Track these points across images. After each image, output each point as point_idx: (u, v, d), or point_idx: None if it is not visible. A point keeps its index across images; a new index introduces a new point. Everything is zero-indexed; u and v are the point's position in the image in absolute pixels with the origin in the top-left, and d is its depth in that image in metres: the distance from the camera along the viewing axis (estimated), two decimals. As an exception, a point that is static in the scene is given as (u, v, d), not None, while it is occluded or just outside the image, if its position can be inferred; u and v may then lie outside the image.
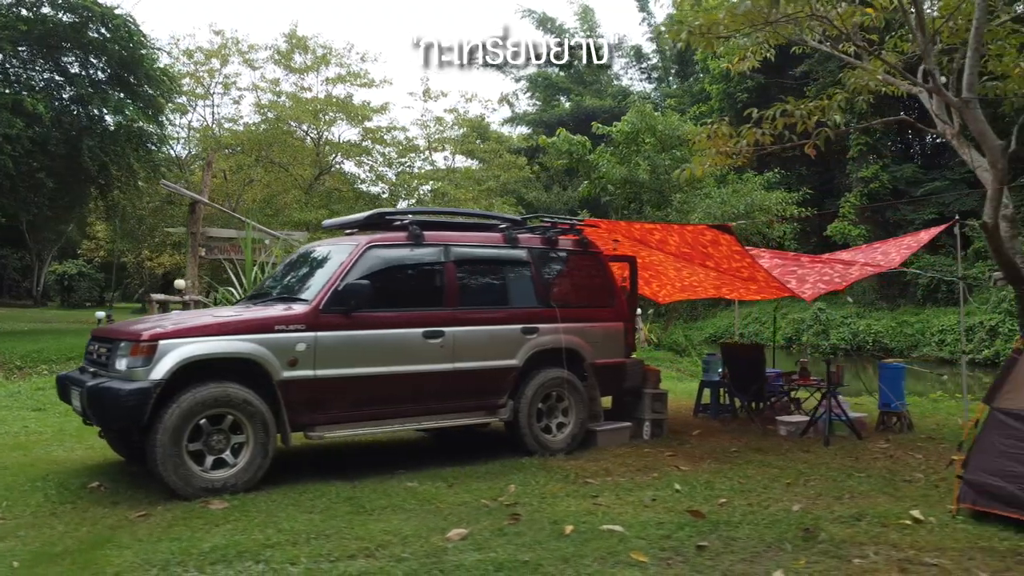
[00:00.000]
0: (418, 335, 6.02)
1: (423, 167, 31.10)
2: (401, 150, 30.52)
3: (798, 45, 8.81)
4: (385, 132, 29.82)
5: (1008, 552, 4.18)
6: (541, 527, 4.51)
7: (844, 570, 3.90)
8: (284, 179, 29.08)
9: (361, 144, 30.10)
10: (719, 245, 6.90)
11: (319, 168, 29.36)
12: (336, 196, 29.00)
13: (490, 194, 29.04)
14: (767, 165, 35.87)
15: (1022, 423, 4.72)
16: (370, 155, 30.66)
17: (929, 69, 7.05)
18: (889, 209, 32.04)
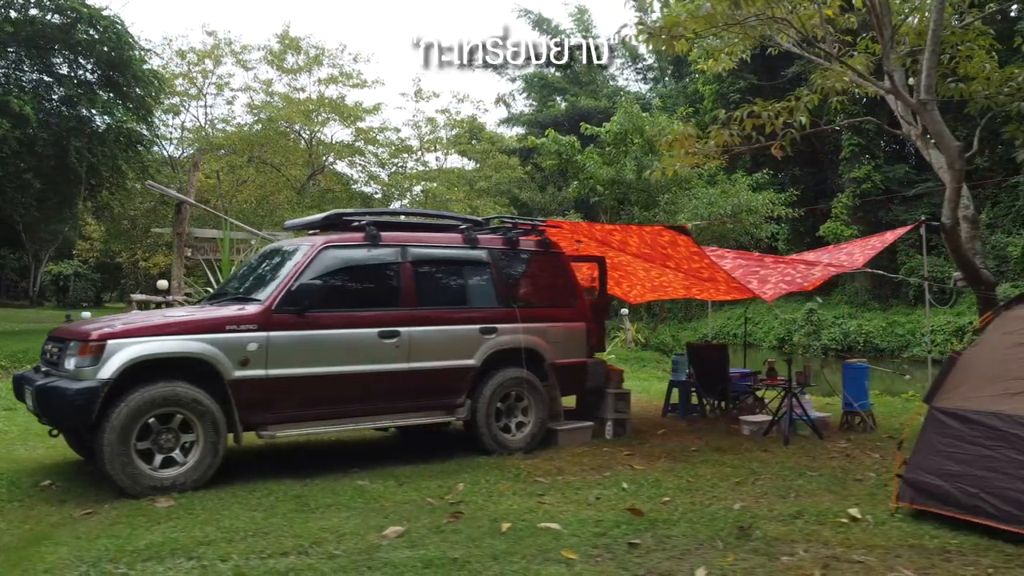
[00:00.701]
0: (373, 335, 6.07)
1: (416, 168, 31.20)
2: (394, 151, 30.60)
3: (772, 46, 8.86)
4: (377, 132, 29.91)
5: (936, 550, 4.23)
6: (480, 525, 4.56)
7: (769, 567, 3.95)
8: (276, 180, 29.17)
9: (354, 145, 30.19)
10: (677, 246, 6.95)
11: (312, 168, 29.44)
12: (329, 196, 29.09)
13: (482, 194, 29.13)
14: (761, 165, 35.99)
15: (959, 422, 4.76)
16: (363, 155, 30.75)
17: (888, 71, 7.09)
18: (882, 209, 32.08)
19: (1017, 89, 7.99)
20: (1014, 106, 7.93)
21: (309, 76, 30.09)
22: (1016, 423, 4.49)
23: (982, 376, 4.80)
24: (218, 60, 29.06)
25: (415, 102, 33.53)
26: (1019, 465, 4.41)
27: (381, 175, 31.26)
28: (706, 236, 21.61)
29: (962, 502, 4.57)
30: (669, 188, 21.97)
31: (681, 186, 22.22)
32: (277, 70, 29.65)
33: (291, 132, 28.91)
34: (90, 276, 42.02)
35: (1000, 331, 4.95)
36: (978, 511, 4.49)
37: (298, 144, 29.55)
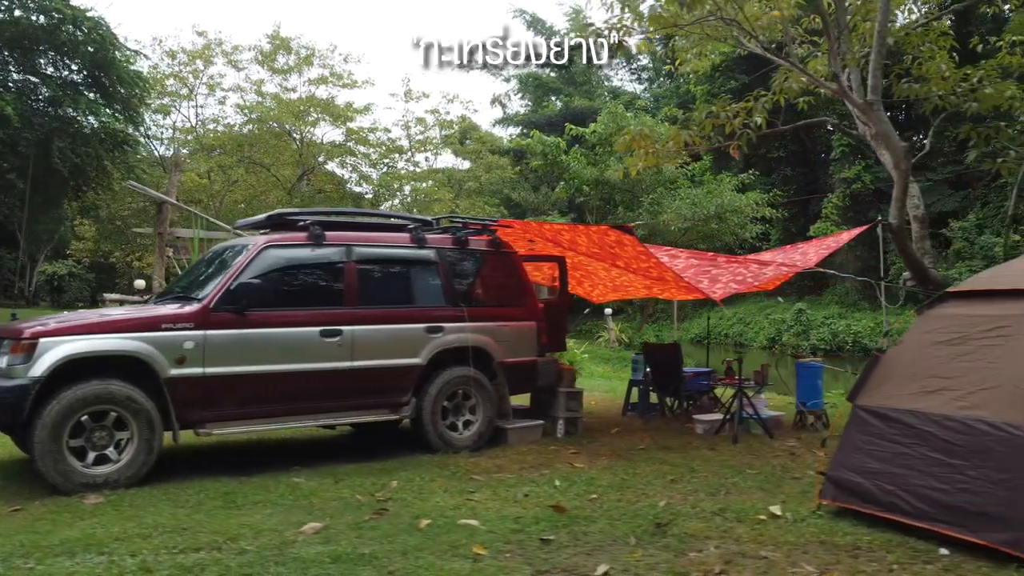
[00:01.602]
0: (315, 334, 6.12)
1: (406, 168, 31.27)
2: (384, 151, 30.67)
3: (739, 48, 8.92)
4: (368, 132, 29.97)
5: (846, 546, 4.26)
6: (400, 521, 4.61)
7: (674, 563, 3.98)
8: (267, 180, 29.24)
9: (344, 145, 30.26)
10: (624, 245, 6.99)
11: (302, 168, 29.51)
12: (320, 197, 29.17)
13: (471, 195, 29.20)
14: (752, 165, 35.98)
15: (879, 420, 4.80)
16: (354, 155, 30.82)
17: (835, 71, 7.13)
18: (872, 209, 32.06)
19: (971, 90, 8.03)
20: (968, 106, 7.95)
21: (299, 77, 30.19)
22: (931, 421, 4.52)
23: (902, 375, 4.83)
24: (209, 60, 29.12)
25: (405, 102, 33.52)
26: (932, 462, 4.44)
27: (372, 175, 31.36)
28: (692, 236, 21.66)
29: (880, 499, 4.61)
30: (654, 188, 22.03)
31: (666, 186, 22.27)
32: (268, 70, 29.74)
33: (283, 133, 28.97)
34: (84, 276, 42.08)
35: (921, 330, 4.98)
36: (894, 508, 4.53)
37: (289, 144, 29.62)
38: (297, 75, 30.04)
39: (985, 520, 4.12)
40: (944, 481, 4.35)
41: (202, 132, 29.49)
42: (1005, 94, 8.17)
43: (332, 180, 30.92)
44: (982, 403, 4.35)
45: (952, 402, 4.49)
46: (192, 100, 29.80)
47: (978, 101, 7.90)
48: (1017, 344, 4.33)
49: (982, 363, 4.48)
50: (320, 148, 29.74)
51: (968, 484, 4.25)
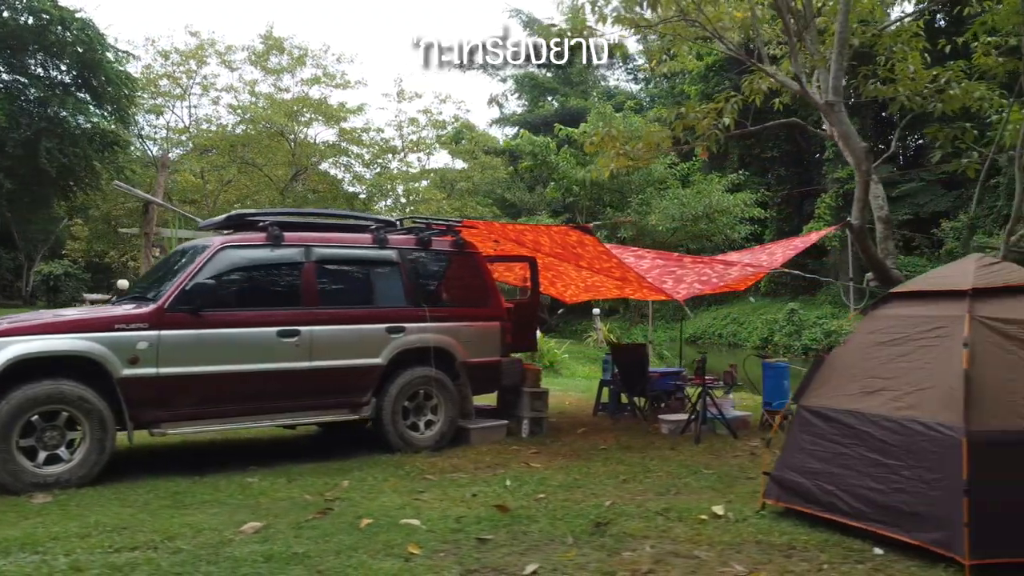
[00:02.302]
0: (271, 334, 6.14)
1: (399, 168, 31.27)
2: (377, 151, 30.67)
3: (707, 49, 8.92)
4: (360, 132, 29.98)
5: (781, 546, 4.29)
6: (343, 521, 4.63)
7: (606, 562, 4.00)
8: (260, 180, 29.27)
9: (338, 145, 30.28)
10: (585, 246, 7.01)
11: (295, 168, 29.53)
12: (313, 197, 29.19)
13: (463, 195, 29.21)
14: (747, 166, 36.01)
15: (821, 420, 4.82)
16: (347, 155, 30.84)
17: (797, 72, 7.15)
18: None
19: (937, 91, 8.04)
20: (934, 107, 7.97)
21: (292, 77, 30.21)
22: (869, 421, 4.54)
23: (844, 375, 4.85)
24: (202, 60, 29.15)
25: (397, 103, 33.55)
26: (870, 463, 4.46)
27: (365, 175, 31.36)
28: (681, 236, 21.69)
29: (820, 500, 4.64)
30: (643, 189, 22.07)
31: (656, 187, 22.31)
32: (261, 71, 29.76)
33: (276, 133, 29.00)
34: (80, 276, 42.16)
35: (865, 330, 5.00)
36: (833, 508, 4.55)
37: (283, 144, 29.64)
38: (290, 75, 30.08)
39: (917, 520, 4.15)
40: (880, 481, 4.38)
41: (196, 132, 29.53)
42: (973, 95, 8.19)
43: (325, 180, 30.94)
44: (918, 404, 4.37)
45: (890, 402, 4.51)
46: (185, 100, 29.86)
47: (943, 102, 7.92)
48: (952, 345, 4.35)
49: (919, 364, 4.50)
50: (313, 148, 29.74)
51: (902, 484, 4.28)
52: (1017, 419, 4.08)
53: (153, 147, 30.09)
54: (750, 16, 7.77)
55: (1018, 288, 4.59)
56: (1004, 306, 4.48)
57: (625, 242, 22.18)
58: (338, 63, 31.40)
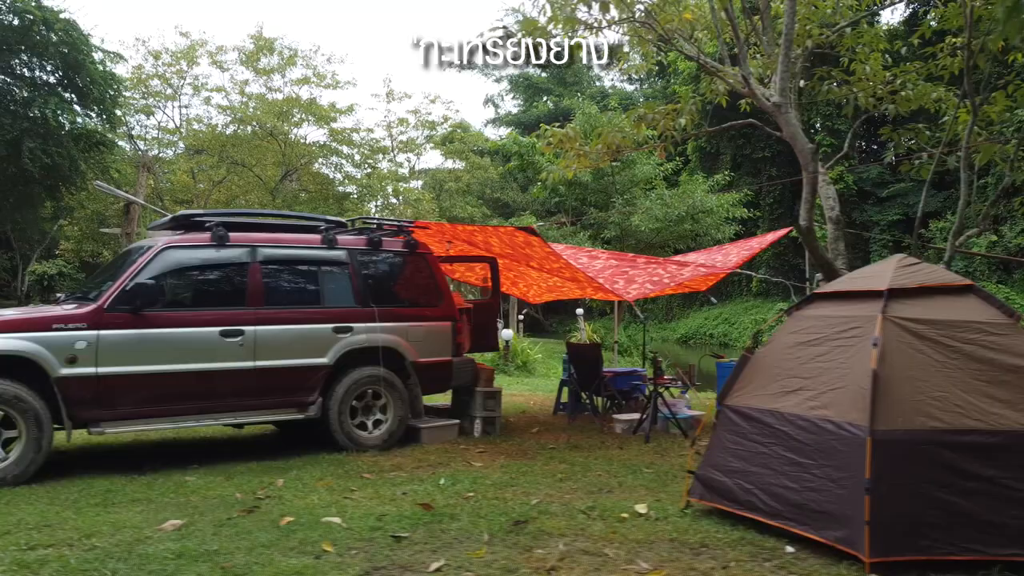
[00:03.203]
0: (214, 334, 6.19)
1: (390, 168, 31.32)
2: (367, 152, 30.72)
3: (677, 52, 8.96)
4: (350, 132, 30.03)
5: (694, 544, 4.32)
6: (265, 519, 4.67)
7: (515, 560, 4.04)
8: (250, 179, 29.32)
9: (328, 145, 30.33)
10: (533, 247, 7.05)
11: (285, 168, 29.58)
12: (303, 197, 29.25)
13: (452, 195, 29.25)
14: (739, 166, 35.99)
15: (743, 419, 4.86)
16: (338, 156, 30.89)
17: (744, 74, 7.18)
18: (855, 210, 32.12)
19: (891, 92, 8.07)
20: (886, 108, 8.00)
21: (283, 77, 30.26)
22: (787, 420, 4.58)
23: (766, 374, 4.89)
24: (193, 61, 29.22)
25: (387, 103, 33.59)
26: (786, 462, 4.50)
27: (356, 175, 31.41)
28: (666, 236, 21.71)
29: (739, 498, 4.68)
30: (628, 189, 22.10)
31: (641, 187, 22.34)
32: (252, 71, 29.82)
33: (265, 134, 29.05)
34: (75, 275, 42.26)
35: (788, 331, 5.03)
36: (752, 507, 4.59)
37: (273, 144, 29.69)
38: (280, 76, 30.13)
39: (826, 518, 4.19)
40: (794, 480, 4.42)
41: (187, 133, 29.59)
42: (931, 96, 8.22)
43: (316, 180, 30.99)
44: (831, 403, 4.40)
45: (806, 402, 4.55)
46: (176, 100, 29.93)
47: (896, 104, 7.95)
48: (866, 344, 4.38)
49: (835, 363, 4.54)
50: (303, 148, 29.79)
51: (814, 483, 4.32)
52: (923, 419, 4.12)
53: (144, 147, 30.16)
54: (703, 17, 7.80)
55: (933, 288, 4.63)
56: (918, 306, 4.52)
57: (610, 243, 22.23)
58: (328, 63, 31.49)
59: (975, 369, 4.25)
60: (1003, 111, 7.39)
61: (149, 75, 28.31)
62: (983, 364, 4.26)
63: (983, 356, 4.28)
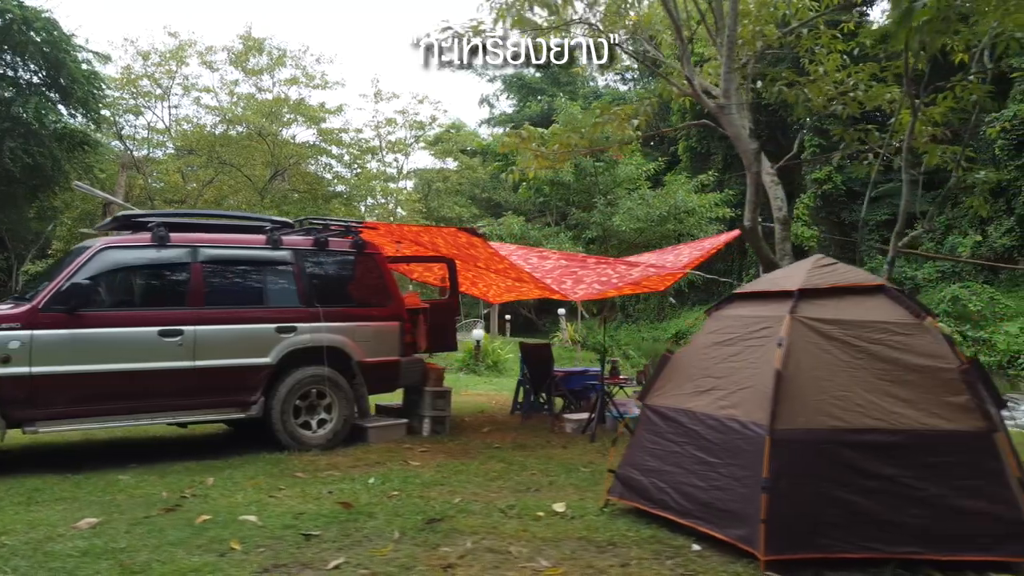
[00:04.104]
0: (152, 333, 6.23)
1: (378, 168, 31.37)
2: (356, 153, 30.76)
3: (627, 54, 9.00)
4: (338, 132, 30.08)
5: (602, 542, 4.35)
6: (182, 517, 4.71)
7: (416, 557, 4.06)
8: (239, 180, 29.36)
9: (317, 145, 30.38)
10: (476, 247, 7.08)
11: (274, 168, 29.62)
12: (293, 197, 29.28)
13: (441, 195, 29.29)
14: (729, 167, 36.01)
15: (660, 419, 4.89)
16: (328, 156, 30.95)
17: (688, 76, 7.22)
18: (844, 209, 32.15)
19: (840, 93, 8.10)
20: (834, 109, 8.03)
21: (272, 77, 30.32)
22: (698, 420, 4.61)
23: (684, 374, 4.92)
24: (182, 61, 29.26)
25: (375, 103, 33.65)
26: (696, 461, 4.53)
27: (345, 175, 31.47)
28: (649, 236, 21.72)
29: (654, 497, 4.71)
30: (611, 189, 22.11)
31: (624, 187, 22.35)
32: (241, 71, 29.86)
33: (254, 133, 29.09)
34: (67, 276, 42.43)
35: (706, 331, 5.06)
36: (665, 506, 4.62)
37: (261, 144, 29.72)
38: (269, 76, 30.19)
39: (729, 517, 4.22)
40: (703, 479, 4.45)
41: (176, 133, 29.64)
42: (885, 96, 8.24)
43: (305, 180, 31.03)
44: (739, 403, 4.43)
45: (716, 401, 4.58)
46: (166, 100, 29.97)
47: (845, 105, 7.97)
48: (773, 345, 4.41)
49: (746, 363, 4.57)
50: (292, 148, 29.82)
51: (720, 482, 4.35)
52: (824, 418, 4.15)
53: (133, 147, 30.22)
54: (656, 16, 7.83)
55: (845, 289, 4.66)
56: (828, 307, 4.54)
57: (593, 243, 22.25)
58: (317, 64, 31.50)
59: (879, 369, 4.27)
60: (946, 112, 7.40)
61: (138, 75, 28.36)
62: (887, 364, 4.28)
63: (888, 356, 4.30)
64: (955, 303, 24.56)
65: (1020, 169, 25.30)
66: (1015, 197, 25.92)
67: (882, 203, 31.51)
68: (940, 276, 27.89)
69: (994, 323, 24.04)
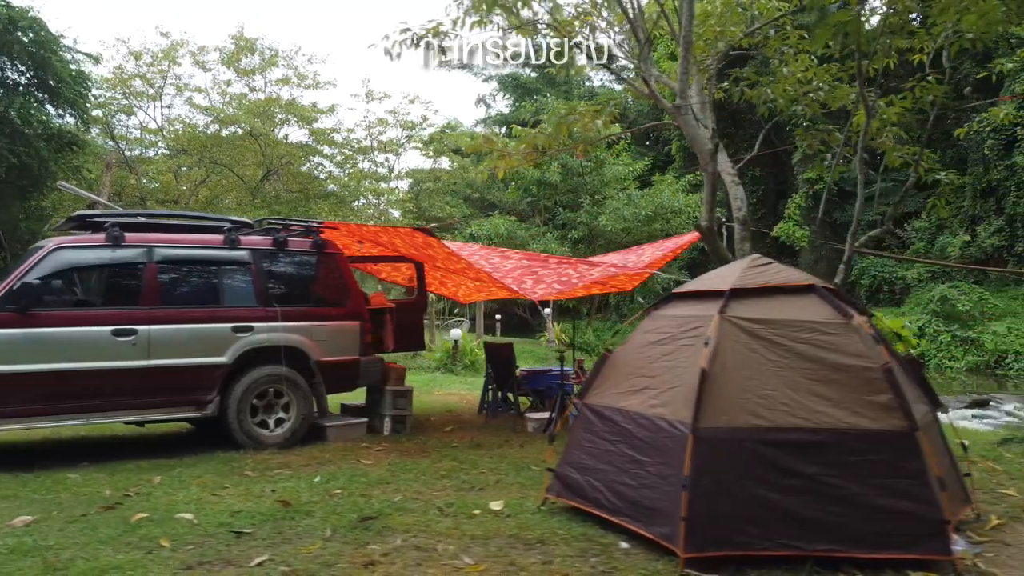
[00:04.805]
0: (106, 333, 6.26)
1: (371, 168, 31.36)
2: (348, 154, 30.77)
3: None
4: (329, 132, 30.08)
5: (531, 540, 4.38)
6: (119, 516, 4.74)
7: (341, 555, 4.09)
8: (231, 180, 29.41)
9: (309, 145, 30.40)
10: (433, 247, 7.11)
11: (266, 168, 29.65)
12: (285, 197, 29.31)
13: (432, 195, 29.28)
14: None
15: (597, 417, 4.92)
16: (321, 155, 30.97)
17: (644, 76, 7.24)
18: (836, 209, 32.13)
19: (803, 93, 8.12)
20: (802, 110, 8.05)
21: (264, 77, 30.34)
22: (631, 419, 4.64)
23: (620, 373, 4.95)
24: (174, 60, 29.29)
25: (366, 103, 33.68)
26: (628, 459, 4.56)
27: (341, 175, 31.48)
28: (637, 236, 21.74)
29: (588, 495, 4.74)
30: (599, 189, 22.13)
31: (612, 187, 22.37)
32: (234, 71, 29.90)
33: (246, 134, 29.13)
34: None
35: (643, 330, 5.09)
36: (598, 504, 4.65)
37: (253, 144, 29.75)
38: (261, 76, 30.21)
39: (655, 514, 4.25)
40: (633, 477, 4.48)
41: (168, 133, 29.69)
42: (850, 97, 8.26)
43: (298, 180, 31.06)
44: (668, 402, 4.46)
45: (648, 400, 4.61)
46: (159, 100, 30.01)
47: (807, 106, 8.00)
48: (702, 344, 4.43)
49: (677, 362, 4.60)
50: (283, 148, 29.85)
51: (647, 480, 4.38)
52: (748, 416, 4.17)
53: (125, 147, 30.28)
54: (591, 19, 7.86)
55: (776, 288, 4.68)
56: (758, 306, 4.57)
57: (580, 243, 22.27)
58: (310, 64, 31.50)
59: (805, 368, 4.30)
60: (902, 112, 7.43)
61: (131, 75, 28.40)
62: (813, 363, 4.30)
63: (814, 355, 4.32)
64: (944, 303, 24.57)
65: (1009, 169, 25.30)
66: (1004, 197, 25.93)
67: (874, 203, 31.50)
68: (931, 276, 27.90)
69: (982, 323, 24.06)
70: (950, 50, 7.09)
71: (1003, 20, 6.23)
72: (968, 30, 6.57)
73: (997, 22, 6.31)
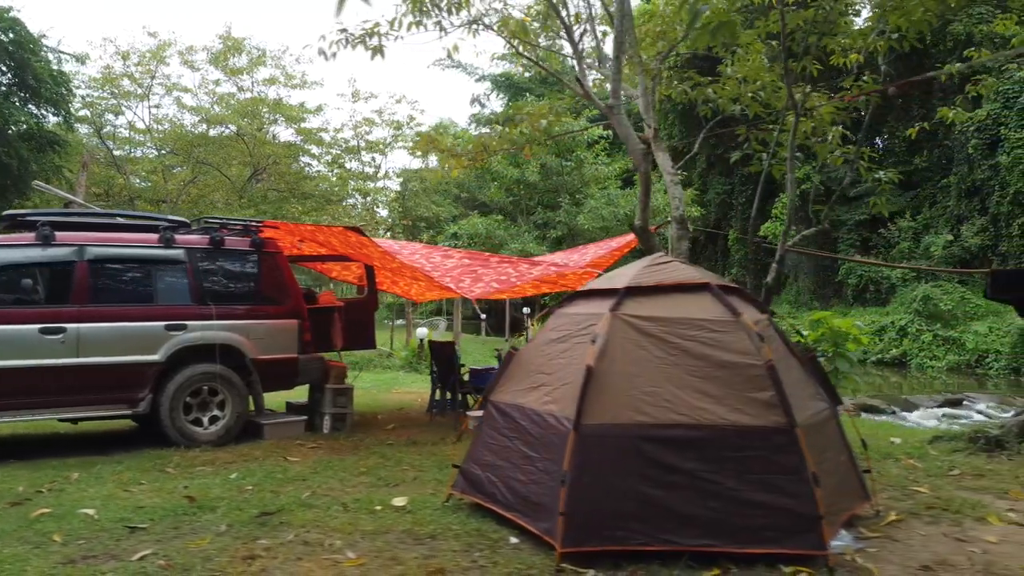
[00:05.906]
0: (34, 331, 6.32)
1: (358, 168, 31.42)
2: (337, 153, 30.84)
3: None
4: (317, 132, 30.16)
5: (423, 535, 4.42)
6: (22, 512, 4.81)
7: (230, 549, 4.14)
8: (219, 179, 29.49)
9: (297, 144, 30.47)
10: (366, 246, 7.15)
11: (253, 168, 29.73)
12: (272, 197, 29.38)
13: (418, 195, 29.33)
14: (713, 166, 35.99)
15: (499, 414, 4.96)
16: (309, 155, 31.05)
17: (579, 77, 7.28)
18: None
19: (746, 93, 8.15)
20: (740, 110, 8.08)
21: (251, 77, 30.41)
22: (527, 415, 4.68)
23: (522, 371, 4.99)
24: (162, 60, 29.38)
25: (352, 103, 33.73)
26: (521, 456, 4.60)
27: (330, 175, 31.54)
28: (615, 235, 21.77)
29: (487, 491, 4.78)
30: (580, 189, 22.16)
31: (594, 186, 22.40)
32: (222, 71, 29.97)
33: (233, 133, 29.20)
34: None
35: (547, 328, 5.13)
36: (495, 499, 4.69)
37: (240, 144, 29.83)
38: (249, 76, 30.28)
39: (540, 510, 4.29)
40: (525, 473, 4.52)
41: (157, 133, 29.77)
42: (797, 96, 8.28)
43: (284, 180, 31.12)
44: (559, 398, 4.50)
45: (543, 397, 4.65)
46: (147, 100, 30.10)
47: (747, 106, 8.03)
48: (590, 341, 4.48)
49: (570, 360, 4.63)
50: (270, 148, 29.92)
51: (536, 475, 4.42)
52: (631, 413, 4.21)
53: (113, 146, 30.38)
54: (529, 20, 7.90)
55: (672, 287, 4.72)
56: (651, 304, 4.61)
57: (562, 241, 22.31)
58: (297, 63, 31.58)
59: (691, 365, 4.34)
60: (835, 112, 7.45)
61: (119, 75, 28.50)
62: (699, 360, 4.34)
63: (700, 352, 4.36)
64: (926, 302, 24.57)
65: (993, 168, 25.29)
66: (988, 196, 25.91)
67: (860, 203, 31.53)
68: (915, 276, 27.89)
69: (964, 322, 24.05)
70: (881, 49, 7.12)
71: (924, 19, 6.26)
72: (894, 30, 6.60)
73: (920, 21, 6.35)
